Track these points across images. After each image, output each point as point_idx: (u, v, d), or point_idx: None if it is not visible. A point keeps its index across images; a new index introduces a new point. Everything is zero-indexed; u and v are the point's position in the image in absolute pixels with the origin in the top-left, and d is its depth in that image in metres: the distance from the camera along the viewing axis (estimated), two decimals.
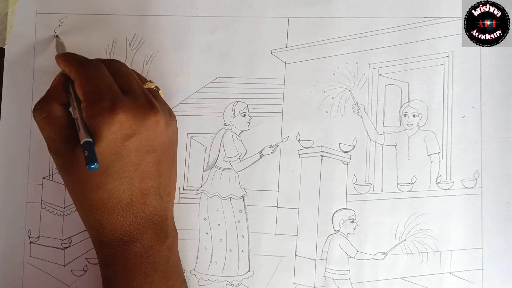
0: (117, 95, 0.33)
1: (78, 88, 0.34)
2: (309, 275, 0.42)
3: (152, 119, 0.33)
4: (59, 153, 0.34)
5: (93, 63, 0.35)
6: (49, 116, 0.34)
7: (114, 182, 0.33)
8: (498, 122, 0.44)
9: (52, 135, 0.34)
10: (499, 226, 0.43)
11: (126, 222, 0.34)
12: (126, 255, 0.34)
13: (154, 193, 0.35)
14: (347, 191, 0.43)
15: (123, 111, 0.32)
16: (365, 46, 0.44)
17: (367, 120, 0.44)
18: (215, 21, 0.44)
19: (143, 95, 0.35)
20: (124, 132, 0.32)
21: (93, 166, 0.30)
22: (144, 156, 0.34)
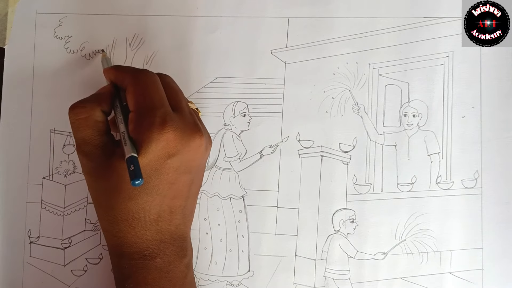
0: (168, 111, 0.33)
1: (130, 97, 0.33)
2: (309, 275, 0.42)
3: (196, 142, 0.33)
4: (92, 157, 0.33)
5: (149, 73, 0.35)
6: (89, 118, 0.34)
7: (146, 197, 0.33)
8: (498, 122, 0.44)
9: (88, 137, 0.34)
10: (499, 226, 0.43)
11: (149, 237, 0.34)
12: (146, 269, 0.34)
13: (180, 212, 0.35)
14: (347, 191, 0.43)
15: (172, 129, 0.32)
16: (365, 46, 0.44)
17: (367, 120, 0.44)
18: (215, 21, 0.44)
19: (190, 115, 0.35)
20: (168, 150, 0.32)
21: (138, 182, 0.30)
22: (180, 176, 0.34)
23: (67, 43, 0.43)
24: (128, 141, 0.32)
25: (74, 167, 0.42)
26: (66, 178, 0.42)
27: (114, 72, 0.36)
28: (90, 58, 0.43)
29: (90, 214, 0.42)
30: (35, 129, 0.43)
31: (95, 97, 0.35)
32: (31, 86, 0.43)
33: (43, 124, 0.43)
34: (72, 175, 0.42)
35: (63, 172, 0.42)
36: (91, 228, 0.42)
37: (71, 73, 0.43)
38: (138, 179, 0.30)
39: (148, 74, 0.35)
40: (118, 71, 0.36)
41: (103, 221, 0.35)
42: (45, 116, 0.43)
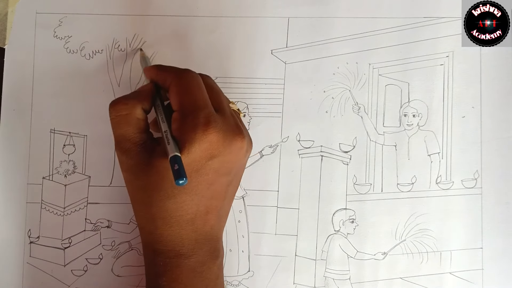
0: (212, 112, 0.33)
1: (174, 97, 0.33)
2: (309, 275, 0.42)
3: (237, 144, 0.33)
4: (131, 154, 0.33)
5: (192, 73, 0.35)
6: (130, 115, 0.34)
7: (185, 196, 0.33)
8: (498, 122, 0.44)
9: (128, 134, 0.34)
10: (499, 226, 0.43)
11: (185, 236, 0.34)
12: (180, 267, 0.34)
13: (216, 212, 0.35)
14: (347, 191, 0.43)
15: (216, 131, 0.32)
16: (365, 46, 0.44)
17: (367, 120, 0.44)
18: (215, 21, 0.44)
19: (232, 117, 0.35)
20: (210, 152, 0.32)
21: (182, 181, 0.30)
22: (220, 178, 0.34)
23: (67, 43, 0.43)
24: (172, 140, 0.32)
25: (74, 167, 0.42)
26: (66, 178, 0.42)
27: (156, 71, 0.36)
28: (90, 58, 0.43)
29: (90, 214, 0.42)
30: (35, 129, 0.43)
31: (136, 95, 0.35)
32: (31, 86, 0.43)
33: (43, 124, 0.43)
34: (72, 175, 0.42)
35: (63, 172, 0.42)
36: (91, 228, 0.42)
37: (71, 73, 0.43)
38: (182, 179, 0.30)
39: (192, 74, 0.34)
40: (160, 70, 0.35)
41: (140, 218, 0.35)
42: (45, 116, 0.43)
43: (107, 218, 0.42)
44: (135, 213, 0.36)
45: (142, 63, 0.41)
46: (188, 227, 0.34)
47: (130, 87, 0.43)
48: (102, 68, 0.43)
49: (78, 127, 0.43)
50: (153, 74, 0.36)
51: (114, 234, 0.42)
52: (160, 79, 0.35)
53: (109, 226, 0.42)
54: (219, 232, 0.36)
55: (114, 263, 0.42)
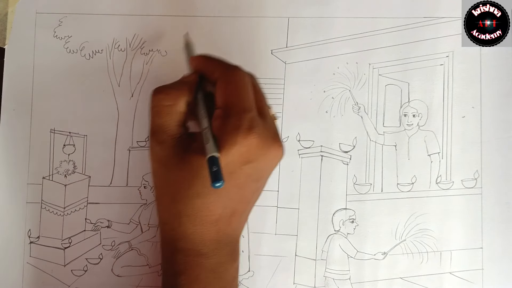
0: (255, 116, 0.32)
1: (221, 93, 0.32)
2: (309, 275, 0.42)
3: (274, 152, 0.32)
4: (166, 146, 0.32)
5: (243, 72, 0.33)
6: (173, 106, 0.33)
7: (214, 197, 0.32)
8: (498, 122, 0.44)
9: (167, 125, 0.32)
10: (499, 226, 0.43)
11: (207, 236, 0.33)
12: (200, 267, 0.33)
13: (240, 215, 0.34)
14: (347, 191, 0.43)
15: (257, 136, 0.31)
16: (365, 46, 0.44)
17: (367, 120, 0.44)
18: (215, 21, 0.44)
19: (272, 123, 0.34)
20: (247, 156, 0.31)
21: (218, 184, 0.29)
22: (250, 183, 0.33)
23: (67, 43, 0.43)
24: (211, 139, 0.31)
25: (74, 167, 0.42)
26: (66, 178, 0.42)
27: (205, 63, 0.34)
28: (90, 58, 0.43)
29: (90, 214, 0.42)
30: (35, 129, 0.43)
31: (181, 85, 0.34)
32: (31, 86, 0.43)
33: (43, 124, 0.43)
34: (72, 175, 0.42)
35: (63, 172, 0.42)
36: (91, 228, 0.42)
37: (71, 73, 0.43)
38: (219, 182, 0.29)
39: (242, 72, 0.33)
40: (210, 61, 0.34)
41: (163, 213, 0.34)
42: (45, 116, 0.43)
43: (107, 218, 0.42)
44: (158, 207, 0.35)
45: (186, 50, 0.39)
46: (211, 227, 0.33)
47: (130, 87, 0.43)
48: (102, 68, 0.43)
49: (78, 127, 0.43)
50: (201, 64, 0.35)
51: (114, 234, 0.42)
52: (208, 70, 0.34)
53: (109, 226, 0.42)
54: (239, 234, 0.36)
55: (114, 263, 0.42)
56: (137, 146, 0.43)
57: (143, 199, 0.42)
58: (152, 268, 0.42)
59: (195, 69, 0.36)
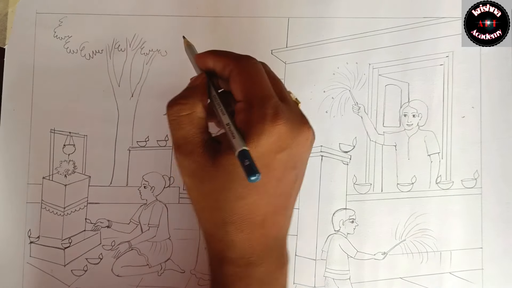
0: (279, 102, 0.30)
1: (237, 86, 0.30)
2: (309, 275, 0.42)
3: (304, 135, 0.31)
4: (194, 157, 0.30)
5: (254, 60, 0.32)
6: (192, 114, 0.31)
7: (256, 196, 0.30)
8: (498, 122, 0.44)
9: (190, 136, 0.31)
10: (499, 226, 0.43)
11: (256, 241, 0.31)
12: (249, 278, 0.31)
13: (283, 212, 0.33)
14: (347, 191, 0.43)
15: (284, 122, 0.29)
16: (365, 46, 0.44)
17: (367, 120, 0.44)
18: (215, 21, 0.44)
19: (295, 106, 0.32)
20: (279, 144, 0.29)
21: (254, 178, 0.27)
22: (288, 172, 0.31)
23: (67, 43, 0.43)
24: (237, 134, 0.29)
25: (74, 167, 0.42)
26: (66, 178, 0.42)
27: (214, 58, 0.32)
28: (90, 58, 0.43)
29: (90, 214, 0.42)
30: (35, 129, 0.43)
31: (194, 91, 0.32)
32: (31, 86, 0.43)
33: (43, 124, 0.43)
34: (72, 175, 0.42)
35: (63, 172, 0.42)
36: (91, 228, 0.42)
37: (71, 73, 0.43)
38: (255, 174, 0.27)
39: (254, 60, 0.32)
40: (218, 56, 0.32)
41: (207, 225, 0.32)
42: (45, 116, 0.43)
43: (107, 218, 0.42)
44: (201, 222, 0.33)
45: (188, 51, 0.38)
46: (258, 230, 0.31)
47: (130, 87, 0.43)
48: (102, 68, 0.43)
49: (78, 127, 0.43)
50: (210, 62, 0.33)
51: (114, 234, 0.42)
52: (218, 66, 0.32)
53: (109, 226, 0.42)
54: (286, 235, 0.34)
55: (114, 263, 0.42)
56: (137, 146, 0.43)
57: (143, 199, 0.42)
58: (152, 268, 0.42)
59: (203, 67, 0.34)
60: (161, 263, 0.42)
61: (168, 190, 0.43)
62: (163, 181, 0.43)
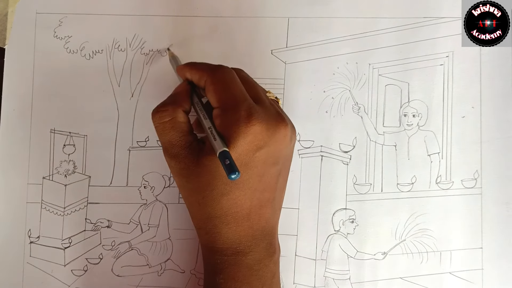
0: (252, 104, 0.33)
1: (211, 95, 0.33)
2: (309, 275, 0.42)
3: (281, 132, 0.33)
4: (180, 158, 0.33)
5: (226, 69, 0.35)
6: (173, 120, 0.34)
7: (238, 192, 0.33)
8: (498, 122, 0.44)
9: (174, 139, 0.34)
10: (499, 226, 0.43)
11: (242, 233, 0.34)
12: (237, 265, 0.34)
13: (270, 205, 0.35)
14: (347, 191, 0.43)
15: (258, 122, 0.32)
16: (365, 46, 0.44)
17: (367, 120, 0.44)
18: (215, 21, 0.44)
19: (271, 106, 0.34)
20: (256, 143, 0.32)
21: (234, 176, 0.30)
22: (269, 168, 0.34)
23: (67, 43, 0.43)
24: (217, 136, 0.32)
25: (74, 167, 0.42)
26: (66, 178, 0.42)
27: (189, 71, 0.36)
28: (90, 58, 0.43)
29: (90, 214, 0.42)
30: (35, 129, 0.43)
31: (174, 98, 0.35)
32: (31, 86, 0.43)
33: (43, 124, 0.43)
34: (72, 175, 0.42)
35: (63, 172, 0.42)
36: (91, 228, 0.42)
37: (71, 73, 0.43)
38: (235, 173, 0.30)
39: (225, 69, 0.34)
40: (193, 69, 0.35)
41: (196, 219, 0.35)
42: (45, 116, 0.43)
43: (107, 218, 0.42)
44: (191, 215, 0.36)
45: (172, 62, 0.41)
46: (244, 223, 0.34)
47: (130, 87, 0.43)
48: (102, 68, 0.43)
49: (78, 127, 0.43)
50: (187, 74, 0.36)
51: (114, 234, 0.42)
52: (194, 78, 0.35)
53: (109, 226, 0.42)
54: (275, 226, 0.36)
55: (114, 263, 0.42)
56: (137, 146, 0.43)
57: (143, 199, 0.42)
58: (152, 268, 0.42)
59: (183, 78, 0.37)
60: (161, 263, 0.42)
61: (168, 190, 0.43)
62: (163, 181, 0.43)
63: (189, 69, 0.36)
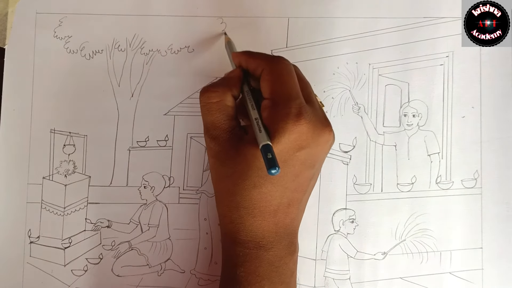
0: (303, 103, 0.32)
1: (266, 84, 0.33)
2: (309, 275, 0.42)
3: (325, 137, 0.33)
4: (220, 141, 0.33)
5: (286, 62, 0.34)
6: (221, 102, 0.34)
7: (271, 187, 0.33)
8: (498, 122, 0.44)
9: (218, 121, 0.34)
10: (499, 226, 0.43)
11: (266, 228, 0.34)
12: (259, 259, 0.34)
13: (297, 205, 0.35)
14: (347, 191, 0.43)
15: (306, 122, 0.32)
16: (365, 46, 0.44)
17: (367, 120, 0.44)
18: (215, 21, 0.44)
19: (320, 109, 0.34)
20: (299, 143, 0.32)
21: (274, 171, 0.29)
22: (305, 170, 0.33)
23: (67, 43, 0.43)
24: (263, 128, 0.32)
25: (74, 167, 0.42)
26: (66, 178, 0.42)
27: (247, 58, 0.35)
28: (90, 58, 0.43)
29: (90, 214, 0.42)
30: (35, 129, 0.43)
31: (226, 81, 0.35)
32: (31, 86, 0.43)
33: (43, 124, 0.43)
34: (72, 175, 0.42)
35: (63, 172, 0.42)
36: (91, 228, 0.42)
37: (71, 73, 0.43)
38: (275, 168, 0.29)
39: (285, 62, 0.34)
40: (251, 57, 0.35)
41: (222, 206, 0.35)
42: (45, 116, 0.43)
43: (107, 218, 0.42)
44: (217, 201, 0.36)
45: (228, 47, 0.41)
46: (270, 218, 0.33)
47: (130, 87, 0.43)
48: (102, 68, 0.43)
49: (78, 127, 0.43)
50: (243, 61, 0.36)
51: (114, 234, 0.42)
52: (251, 65, 0.35)
53: (109, 226, 0.42)
54: (297, 226, 0.36)
55: (114, 263, 0.42)
56: (137, 146, 0.43)
57: (143, 199, 0.42)
58: (152, 268, 0.42)
59: (238, 65, 0.37)
60: (161, 263, 0.42)
61: (168, 190, 0.43)
62: (163, 181, 0.43)
63: (247, 56, 0.35)
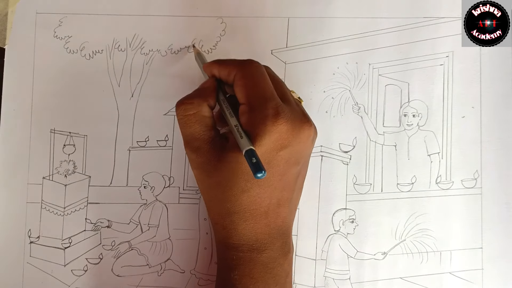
0: (279, 103, 0.33)
1: (240, 90, 0.33)
2: (309, 275, 0.42)
3: (305, 133, 0.33)
4: (201, 152, 0.33)
5: (256, 64, 0.34)
6: (198, 113, 0.34)
7: (258, 189, 0.33)
8: (498, 122, 0.44)
9: (197, 133, 0.34)
10: (499, 226, 0.43)
11: (259, 230, 0.34)
12: (253, 262, 0.34)
13: (287, 205, 0.35)
14: (347, 191, 0.43)
15: (285, 121, 0.32)
16: (365, 46, 0.44)
17: (367, 120, 0.44)
18: (215, 21, 0.44)
19: (297, 106, 0.35)
20: (281, 142, 0.32)
21: (261, 175, 0.30)
22: (290, 168, 0.34)
23: (67, 43, 0.43)
24: (244, 135, 0.32)
25: (74, 167, 0.42)
26: (66, 178, 0.42)
27: (218, 67, 0.35)
28: (90, 58, 0.43)
29: (90, 214, 0.42)
30: (35, 129, 0.43)
31: (200, 92, 0.35)
32: (31, 86, 0.43)
33: (43, 124, 0.43)
34: (72, 175, 0.42)
35: (63, 172, 0.42)
36: (91, 228, 0.42)
37: (71, 73, 0.43)
38: (261, 172, 0.30)
39: (256, 64, 0.34)
40: (222, 65, 0.35)
41: (213, 214, 0.35)
42: (45, 116, 0.43)
43: (107, 218, 0.42)
44: (208, 210, 0.36)
45: (198, 59, 0.41)
46: (262, 220, 0.34)
47: (130, 87, 0.43)
48: (102, 68, 0.43)
49: (78, 127, 0.43)
50: (215, 70, 0.36)
51: (114, 234, 0.42)
52: (223, 73, 0.35)
53: (109, 226, 0.42)
54: (290, 226, 0.36)
55: (114, 263, 0.42)
56: (137, 146, 0.43)
57: (143, 199, 0.42)
58: (152, 268, 0.42)
59: (210, 75, 0.37)
60: (161, 263, 0.42)
61: (168, 190, 0.43)
62: (163, 181, 0.43)
63: (218, 65, 0.35)
